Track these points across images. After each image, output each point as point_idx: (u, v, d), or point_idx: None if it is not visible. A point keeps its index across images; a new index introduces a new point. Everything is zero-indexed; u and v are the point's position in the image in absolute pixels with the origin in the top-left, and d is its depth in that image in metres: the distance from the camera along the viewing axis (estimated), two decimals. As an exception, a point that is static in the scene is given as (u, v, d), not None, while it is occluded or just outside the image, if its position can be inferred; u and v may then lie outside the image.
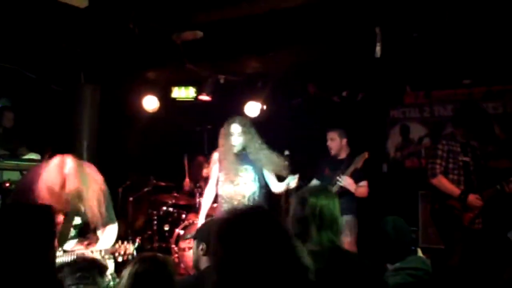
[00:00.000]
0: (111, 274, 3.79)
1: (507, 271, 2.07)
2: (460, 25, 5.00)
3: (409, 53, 5.70)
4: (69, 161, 3.57)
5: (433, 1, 4.70)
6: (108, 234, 4.01)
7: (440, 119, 7.10)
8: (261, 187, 4.91)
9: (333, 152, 5.75)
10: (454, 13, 4.77)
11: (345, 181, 5.33)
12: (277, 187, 4.95)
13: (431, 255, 4.76)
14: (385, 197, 6.29)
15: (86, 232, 3.96)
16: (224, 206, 4.78)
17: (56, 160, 3.58)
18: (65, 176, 3.50)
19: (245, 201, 4.73)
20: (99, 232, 4.05)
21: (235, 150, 4.78)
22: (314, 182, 5.57)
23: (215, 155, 5.00)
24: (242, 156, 4.81)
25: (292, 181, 4.79)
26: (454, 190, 4.86)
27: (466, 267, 4.71)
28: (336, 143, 5.74)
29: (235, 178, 4.78)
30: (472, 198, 4.82)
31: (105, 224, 3.99)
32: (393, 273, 2.80)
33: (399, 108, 7.40)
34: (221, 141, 4.87)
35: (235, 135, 4.76)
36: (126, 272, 2.51)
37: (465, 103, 5.80)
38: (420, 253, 3.05)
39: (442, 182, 4.89)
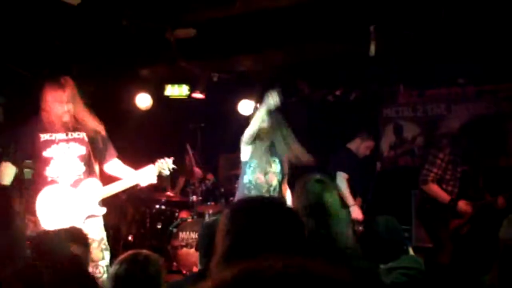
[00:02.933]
0: (106, 266, 3.79)
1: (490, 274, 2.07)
2: (454, 24, 5.00)
3: (403, 52, 5.70)
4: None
5: (427, 1, 4.71)
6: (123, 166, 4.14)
7: (433, 118, 7.11)
8: (281, 182, 5.00)
9: None
10: (448, 12, 4.78)
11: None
12: (289, 197, 5.05)
13: (424, 254, 4.78)
14: (378, 195, 6.30)
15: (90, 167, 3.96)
16: (252, 193, 4.82)
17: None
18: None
19: (271, 191, 4.84)
20: (113, 165, 4.14)
21: (265, 134, 4.82)
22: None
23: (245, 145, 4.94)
24: (272, 149, 4.89)
25: None
26: (445, 196, 4.89)
27: (456, 266, 4.74)
28: None
29: (267, 167, 4.86)
30: (462, 204, 4.87)
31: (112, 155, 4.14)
32: (386, 273, 2.79)
33: (392, 107, 7.41)
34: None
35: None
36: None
37: (480, 117, 5.83)
38: (411, 251, 3.05)
39: (433, 189, 4.92)
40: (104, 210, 3.96)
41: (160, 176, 4.23)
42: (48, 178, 3.81)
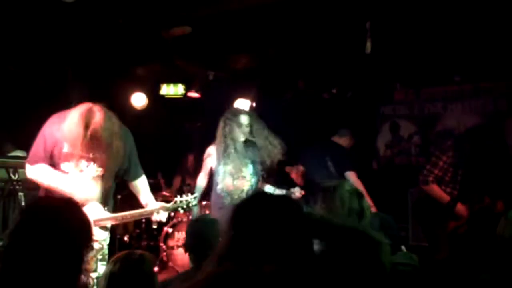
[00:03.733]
0: (97, 278, 3.70)
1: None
2: (450, 21, 4.99)
3: (399, 50, 5.68)
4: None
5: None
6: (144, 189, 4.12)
7: (429, 116, 7.10)
8: (258, 181, 4.92)
9: None
10: (444, 11, 4.77)
11: None
12: (268, 189, 4.98)
13: (421, 253, 4.75)
14: (374, 194, 6.28)
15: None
16: (227, 199, 4.77)
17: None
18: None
19: (244, 196, 4.71)
20: (136, 185, 4.09)
21: (241, 140, 4.78)
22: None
23: (211, 149, 4.95)
24: (245, 150, 4.80)
25: (297, 193, 4.91)
26: (444, 197, 4.87)
27: (453, 264, 4.73)
28: None
29: (236, 172, 4.78)
30: (461, 207, 4.86)
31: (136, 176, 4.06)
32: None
33: (389, 105, 7.40)
34: (224, 133, 4.82)
35: (243, 126, 4.77)
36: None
37: (486, 125, 5.83)
38: (404, 250, 3.03)
39: (433, 189, 4.89)
40: (105, 235, 3.78)
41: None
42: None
